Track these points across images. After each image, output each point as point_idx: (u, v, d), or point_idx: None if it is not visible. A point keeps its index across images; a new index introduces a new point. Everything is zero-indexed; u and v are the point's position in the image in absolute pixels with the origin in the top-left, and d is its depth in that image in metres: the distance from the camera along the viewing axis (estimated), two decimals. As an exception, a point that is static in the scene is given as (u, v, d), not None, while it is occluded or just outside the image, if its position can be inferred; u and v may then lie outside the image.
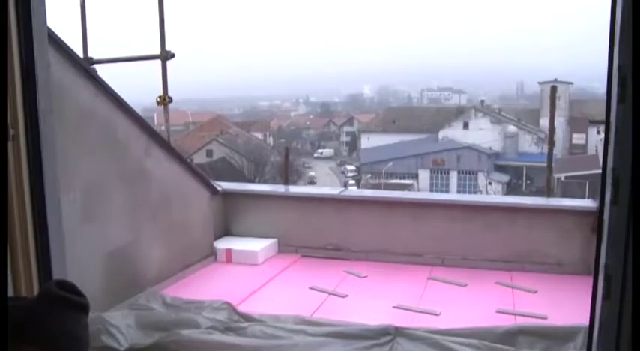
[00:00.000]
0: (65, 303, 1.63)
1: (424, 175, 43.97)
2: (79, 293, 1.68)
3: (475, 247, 5.66)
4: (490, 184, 40.80)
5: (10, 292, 2.29)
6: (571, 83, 48.39)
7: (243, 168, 37.87)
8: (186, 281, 5.42)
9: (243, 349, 3.65)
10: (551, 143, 7.32)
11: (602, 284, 1.80)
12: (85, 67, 4.42)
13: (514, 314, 4.46)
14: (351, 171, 47.85)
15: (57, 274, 2.54)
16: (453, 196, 5.63)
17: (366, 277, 5.51)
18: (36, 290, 2.42)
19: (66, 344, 1.59)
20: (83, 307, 1.67)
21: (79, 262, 1.67)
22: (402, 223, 5.89)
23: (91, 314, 3.78)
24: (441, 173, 43.89)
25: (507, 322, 4.14)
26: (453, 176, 43.49)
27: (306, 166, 46.56)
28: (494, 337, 3.76)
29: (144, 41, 6.16)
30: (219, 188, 6.32)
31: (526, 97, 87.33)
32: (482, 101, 56.26)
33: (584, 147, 41.27)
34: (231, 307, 4.29)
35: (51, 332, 1.57)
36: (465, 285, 5.19)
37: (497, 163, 43.91)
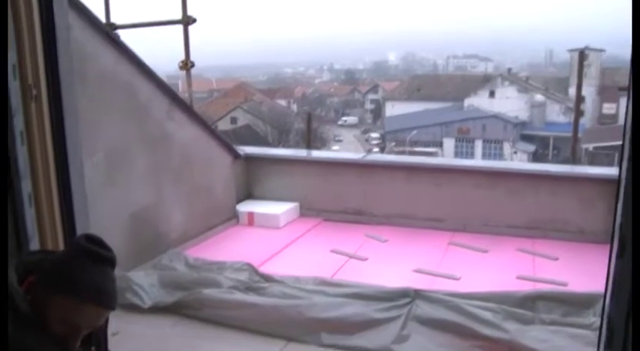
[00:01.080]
0: (94, 256, 1.66)
1: (449, 144, 43.60)
2: (107, 248, 1.72)
3: (497, 214, 5.64)
4: (515, 153, 40.36)
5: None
6: (603, 51, 47.08)
7: (267, 134, 37.93)
8: (209, 243, 5.49)
9: (263, 308, 3.70)
10: (578, 110, 7.24)
11: (617, 243, 1.79)
12: (106, 31, 4.43)
13: (534, 281, 4.44)
14: (375, 139, 47.60)
15: (81, 234, 2.59)
16: (476, 162, 5.55)
17: (386, 241, 5.52)
18: (61, 251, 2.48)
19: (95, 296, 1.62)
20: (110, 261, 1.71)
21: (102, 223, 1.70)
22: (424, 188, 5.86)
23: (115, 272, 3.86)
24: (466, 142, 43.46)
25: (527, 288, 4.12)
26: (478, 145, 43.04)
27: (337, 139, 46.34)
28: (512, 301, 3.76)
29: (167, 7, 6.13)
30: (241, 152, 6.34)
31: (555, 65, 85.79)
32: (510, 69, 55.33)
33: (615, 117, 40.20)
34: (252, 269, 4.34)
35: (80, 284, 1.61)
36: (486, 251, 5.18)
37: (523, 132, 43.29)
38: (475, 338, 3.40)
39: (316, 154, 6.97)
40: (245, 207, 6.22)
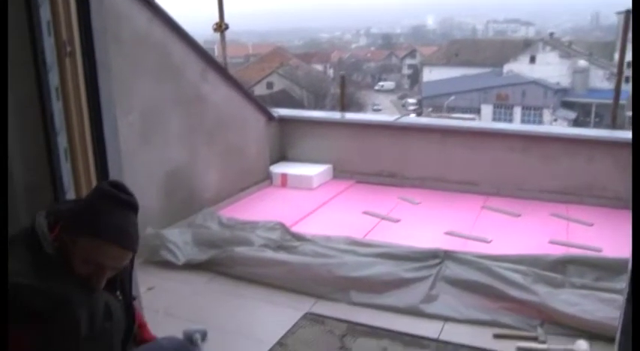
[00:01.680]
0: (116, 200, 1.71)
1: (487, 110, 42.89)
2: (129, 192, 1.76)
3: (532, 178, 5.57)
4: (556, 120, 39.50)
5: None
6: (653, 12, 45.27)
7: (303, 99, 37.79)
8: (242, 203, 5.55)
9: (293, 266, 3.75)
10: (621, 75, 6.96)
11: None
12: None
13: (567, 246, 4.39)
14: (412, 104, 47.06)
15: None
16: (511, 125, 5.44)
17: (419, 203, 5.52)
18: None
19: (116, 236, 1.67)
20: (132, 205, 1.75)
21: (138, 181, 1.75)
22: (458, 151, 5.81)
23: (150, 230, 3.97)
24: (505, 108, 42.67)
25: (559, 253, 4.09)
26: (517, 112, 42.22)
27: (375, 108, 45.88)
28: (543, 265, 3.74)
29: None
30: (275, 114, 6.36)
31: (601, 28, 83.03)
32: (552, 34, 53.80)
33: (664, 83, 38.91)
34: (284, 228, 4.39)
35: (102, 225, 1.66)
36: (519, 215, 5.14)
37: (564, 99, 42.24)
38: (504, 300, 3.39)
39: (350, 116, 6.93)
40: (279, 168, 6.27)
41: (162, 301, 3.56)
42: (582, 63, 43.23)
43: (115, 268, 1.75)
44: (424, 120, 6.52)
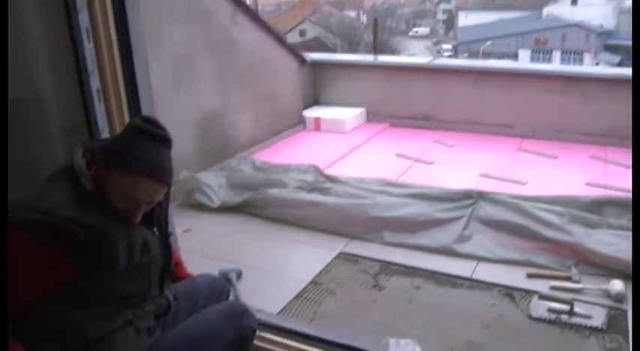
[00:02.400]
0: (149, 135, 1.72)
1: (524, 55, 41.76)
2: (162, 127, 1.77)
3: (570, 120, 5.45)
4: (597, 64, 38.34)
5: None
6: None
7: (336, 47, 37.32)
8: (275, 148, 5.58)
9: (327, 207, 3.77)
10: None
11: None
12: None
13: (604, 188, 4.32)
14: (447, 50, 46.05)
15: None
16: (550, 65, 5.25)
17: (453, 146, 5.47)
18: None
19: (150, 170, 1.69)
20: (165, 140, 1.76)
21: (171, 127, 1.76)
22: (493, 93, 5.71)
23: (185, 173, 4.00)
24: (543, 53, 41.48)
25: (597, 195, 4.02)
26: (556, 56, 41.01)
27: (410, 54, 45.06)
28: (580, 206, 3.68)
29: None
30: (307, 58, 6.30)
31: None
32: (595, -27, 51.79)
33: None
34: (317, 170, 4.40)
35: (136, 159, 1.68)
36: (556, 158, 5.06)
37: (607, 42, 40.74)
38: (538, 240, 3.36)
39: (383, 59, 6.82)
40: (312, 112, 6.25)
41: (198, 242, 3.62)
42: (630, 2, 41.48)
43: (149, 202, 1.77)
44: (458, 62, 6.38)
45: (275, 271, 3.31)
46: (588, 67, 22.60)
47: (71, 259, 1.61)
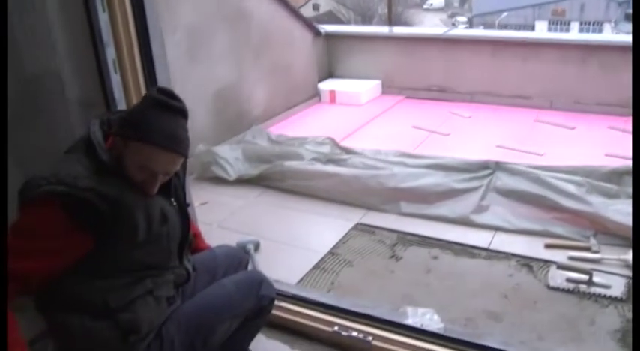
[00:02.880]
0: (165, 106, 1.71)
1: (541, 27, 41.09)
2: (178, 99, 1.76)
3: (588, 90, 5.38)
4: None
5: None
6: None
7: (350, 21, 37.00)
8: (290, 120, 5.57)
9: (343, 178, 3.77)
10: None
11: None
12: None
13: (624, 158, 4.26)
14: (462, 22, 45.42)
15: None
16: (568, 35, 5.12)
17: (469, 117, 5.43)
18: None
19: (166, 141, 1.69)
20: (181, 111, 1.75)
21: (186, 100, 1.75)
22: (509, 64, 5.64)
23: (201, 147, 4.00)
24: (561, 24, 40.83)
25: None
26: (574, 28, 40.33)
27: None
28: (598, 175, 3.64)
29: None
30: (322, 30, 6.25)
31: None
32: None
33: None
34: (333, 143, 4.39)
35: (152, 131, 1.67)
36: (574, 128, 5.01)
37: (629, 11, 40.01)
38: (556, 210, 3.34)
39: (398, 30, 6.76)
40: (327, 85, 6.23)
41: (216, 215, 3.64)
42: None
43: (166, 173, 1.77)
44: (474, 32, 6.27)
45: (292, 242, 3.32)
46: (608, 35, 22.21)
47: (92, 229, 1.62)
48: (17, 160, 2.30)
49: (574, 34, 22.80)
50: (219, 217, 3.62)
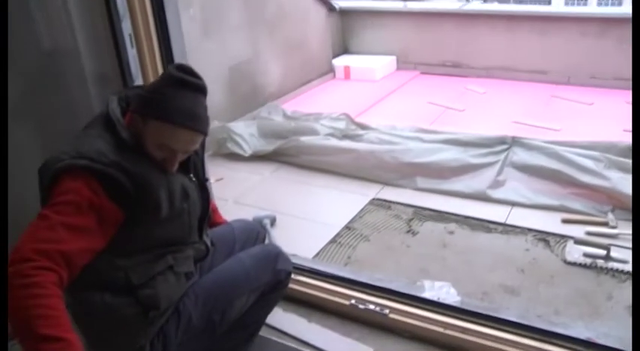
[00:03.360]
0: (184, 83, 1.70)
1: (558, 0, 40.54)
2: (197, 76, 1.75)
3: (607, 65, 5.30)
4: None
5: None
6: None
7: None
8: (305, 96, 5.55)
9: (359, 153, 3.75)
10: None
11: None
12: None
13: (643, 133, 4.21)
14: (477, -2, 45.01)
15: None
16: (586, 7, 5.03)
17: (484, 93, 5.38)
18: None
19: (186, 120, 1.67)
20: (201, 88, 1.74)
21: (202, 75, 1.77)
22: (526, 38, 5.57)
23: (216, 123, 4.00)
24: (579, -3, 40.18)
25: (635, 140, 3.93)
26: (592, 1, 39.73)
27: None
28: (616, 151, 3.60)
29: None
30: (336, 6, 6.20)
31: None
32: None
33: None
34: (348, 118, 4.36)
35: (172, 109, 1.66)
36: (591, 104, 4.95)
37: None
38: (573, 185, 3.32)
39: (412, 5, 6.66)
40: (341, 61, 6.19)
41: (231, 190, 3.65)
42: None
43: (186, 151, 1.76)
44: (490, 6, 6.14)
45: (308, 217, 3.32)
46: (627, 7, 21.62)
47: (120, 204, 1.62)
48: (36, 139, 2.33)
49: (592, 7, 22.38)
50: (235, 193, 3.63)
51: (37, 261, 1.43)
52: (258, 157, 4.10)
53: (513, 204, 3.30)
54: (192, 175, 1.92)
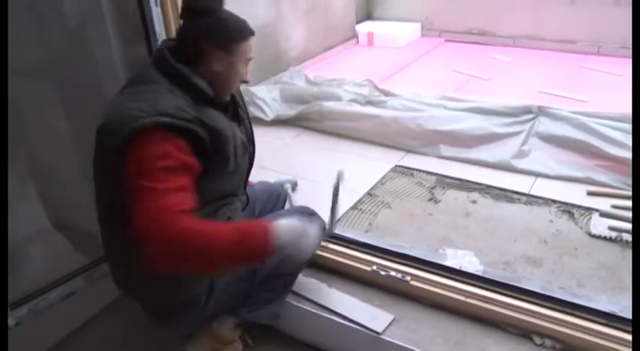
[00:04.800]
0: (217, 6, 1.82)
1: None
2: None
3: (638, 35, 5.16)
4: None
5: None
6: None
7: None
8: (328, 62, 5.49)
9: (382, 119, 3.71)
10: None
11: None
12: None
13: (675, 106, 4.12)
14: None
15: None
16: None
17: (510, 62, 5.29)
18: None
19: (246, 30, 1.84)
20: (219, 3, 1.81)
21: None
22: (554, 6, 5.45)
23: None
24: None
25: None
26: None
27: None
28: (647, 123, 3.52)
29: None
30: (361, -31, 6.11)
31: None
32: None
33: None
34: (372, 84, 4.31)
35: (237, 27, 1.83)
36: (621, 75, 4.84)
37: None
38: (600, 157, 3.26)
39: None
40: (365, 27, 6.11)
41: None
42: None
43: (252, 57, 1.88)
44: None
45: (329, 182, 3.27)
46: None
47: (200, 159, 1.64)
48: (57, 97, 2.32)
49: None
50: (257, 157, 3.57)
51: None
52: (280, 122, 4.08)
53: (537, 175, 3.26)
54: (242, 128, 1.94)
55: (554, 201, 3.00)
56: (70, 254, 2.45)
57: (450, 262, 2.36)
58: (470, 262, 2.42)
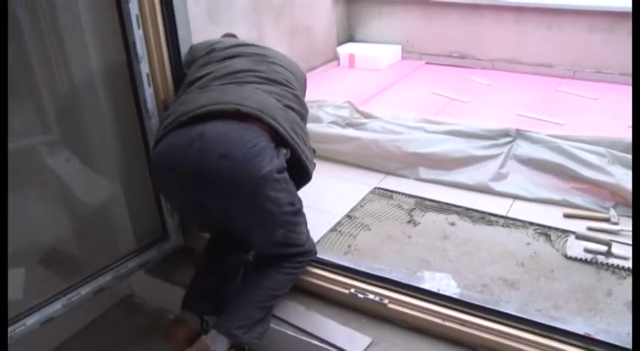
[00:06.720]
0: None
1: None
2: None
3: (613, 60, 5.26)
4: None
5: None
6: None
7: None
8: (309, 83, 5.43)
9: (362, 141, 3.73)
10: None
11: None
12: None
13: (648, 130, 4.18)
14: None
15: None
16: (595, 1, 4.91)
17: (490, 85, 5.36)
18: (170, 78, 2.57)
19: None
20: None
21: None
22: (532, 31, 5.54)
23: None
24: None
25: None
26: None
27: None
28: (621, 147, 3.55)
29: None
30: (343, -8, 6.17)
31: None
32: None
33: None
34: (352, 106, 4.33)
35: None
36: (596, 99, 4.92)
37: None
38: (576, 180, 3.30)
39: (420, -6, 6.64)
40: (346, 49, 6.16)
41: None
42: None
43: None
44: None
45: (309, 204, 3.24)
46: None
47: None
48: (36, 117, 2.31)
49: (602, 0, 22.21)
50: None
51: None
52: (260, 143, 4.07)
53: (515, 197, 3.30)
54: None
55: (531, 223, 3.04)
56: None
57: (427, 285, 2.37)
58: (447, 285, 2.43)
